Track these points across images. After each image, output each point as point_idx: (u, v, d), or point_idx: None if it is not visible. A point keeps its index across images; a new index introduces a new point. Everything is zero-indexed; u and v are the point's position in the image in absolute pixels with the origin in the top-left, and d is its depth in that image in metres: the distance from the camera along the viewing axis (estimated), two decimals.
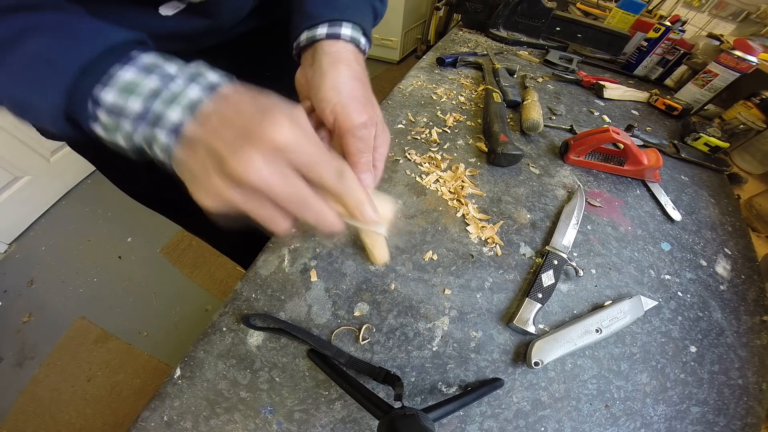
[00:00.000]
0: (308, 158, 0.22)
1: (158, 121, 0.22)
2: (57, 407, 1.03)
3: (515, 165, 0.56)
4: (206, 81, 0.23)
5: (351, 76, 0.31)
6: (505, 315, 0.39)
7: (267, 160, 0.21)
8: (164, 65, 0.22)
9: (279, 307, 0.37)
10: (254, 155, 0.20)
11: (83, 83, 0.21)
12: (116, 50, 0.22)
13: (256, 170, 0.20)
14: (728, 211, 0.58)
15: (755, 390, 0.38)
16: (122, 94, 0.21)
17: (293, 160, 0.22)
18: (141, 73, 0.22)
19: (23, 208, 1.43)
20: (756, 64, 0.70)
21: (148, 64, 0.22)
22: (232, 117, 0.21)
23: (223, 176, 0.21)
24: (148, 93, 0.21)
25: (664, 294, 0.44)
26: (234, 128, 0.21)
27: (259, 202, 0.23)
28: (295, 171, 0.23)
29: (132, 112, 0.21)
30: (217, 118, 0.21)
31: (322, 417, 0.32)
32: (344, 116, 0.29)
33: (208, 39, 0.41)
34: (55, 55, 0.21)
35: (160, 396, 0.32)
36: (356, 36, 0.33)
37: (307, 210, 0.23)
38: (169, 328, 1.22)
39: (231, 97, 0.22)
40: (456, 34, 0.99)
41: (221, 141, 0.21)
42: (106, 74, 0.21)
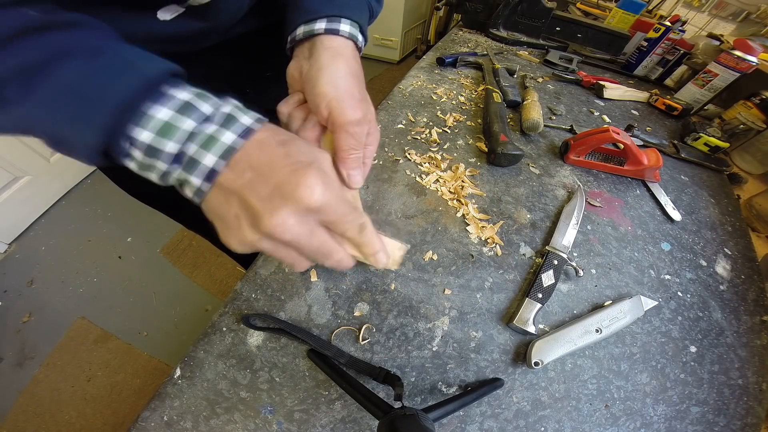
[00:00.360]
0: (336, 217, 0.24)
1: (193, 166, 0.22)
2: (57, 407, 1.03)
3: (515, 165, 0.56)
4: (241, 126, 0.23)
5: (348, 72, 0.31)
6: (505, 315, 0.39)
7: (299, 220, 0.22)
8: (199, 104, 0.22)
9: (279, 307, 0.37)
10: (288, 216, 0.21)
11: (120, 123, 0.21)
12: (151, 85, 0.21)
13: (288, 229, 0.21)
14: (728, 211, 0.58)
15: (755, 390, 0.38)
16: (159, 136, 0.21)
17: (322, 218, 0.24)
18: (177, 114, 0.21)
19: (23, 208, 1.42)
20: (756, 64, 0.70)
21: (184, 104, 0.22)
22: (266, 172, 0.22)
23: (256, 230, 0.22)
24: (184, 136, 0.21)
25: (664, 294, 0.44)
26: (269, 185, 0.21)
27: (286, 251, 0.24)
28: (322, 225, 0.25)
29: (168, 155, 0.21)
30: (252, 171, 0.22)
31: (322, 417, 0.32)
32: (339, 112, 0.29)
33: (207, 40, 0.41)
34: (90, 90, 0.20)
35: (160, 396, 0.32)
36: (354, 33, 0.33)
37: (328, 259, 0.26)
38: (169, 328, 1.22)
39: (265, 145, 0.22)
40: (456, 34, 0.99)
41: (256, 197, 0.21)
42: (142, 113, 0.21)
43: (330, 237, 0.25)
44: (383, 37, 2.59)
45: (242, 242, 0.23)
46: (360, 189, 0.48)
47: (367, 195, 0.48)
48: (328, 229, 0.26)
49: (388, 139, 0.58)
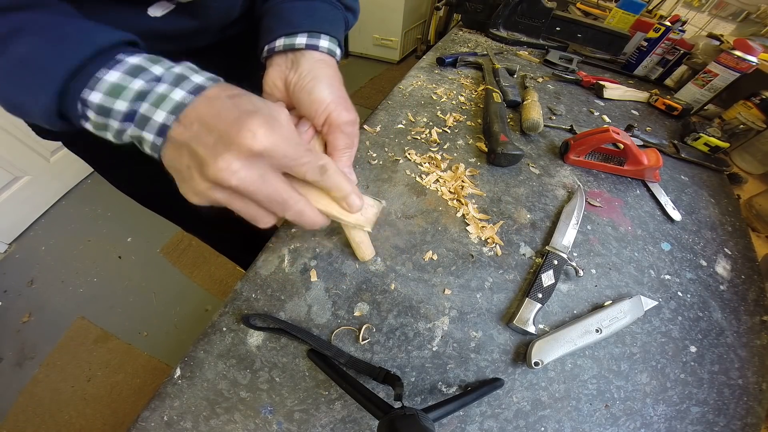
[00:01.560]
0: (287, 160, 0.24)
1: (145, 123, 0.23)
2: (57, 407, 1.03)
3: (515, 165, 0.56)
4: (191, 83, 0.23)
5: (339, 80, 0.34)
6: (505, 315, 0.39)
7: (244, 164, 0.22)
8: (151, 67, 0.23)
9: (279, 307, 0.37)
10: (232, 160, 0.22)
11: (72, 87, 0.22)
12: (103, 53, 0.22)
13: (233, 174, 0.22)
14: (728, 211, 0.58)
15: (755, 390, 0.38)
16: (109, 96, 0.22)
17: (273, 163, 0.24)
18: (127, 76, 0.22)
19: (23, 208, 1.43)
20: (756, 64, 0.70)
21: (135, 67, 0.23)
22: (213, 122, 0.22)
23: (205, 178, 0.23)
24: (134, 95, 0.22)
25: (664, 294, 0.44)
26: (214, 133, 0.22)
27: (242, 202, 0.25)
28: (276, 172, 0.25)
29: (119, 113, 0.23)
30: (199, 123, 0.22)
31: (322, 417, 0.32)
32: (337, 113, 0.32)
33: (200, 40, 0.41)
34: (43, 59, 0.22)
35: (160, 396, 0.32)
36: (333, 48, 0.35)
37: (286, 209, 0.26)
38: (169, 328, 1.22)
39: (214, 99, 0.23)
40: (456, 34, 0.99)
41: (202, 145, 0.22)
42: (93, 77, 0.22)
43: (286, 184, 0.25)
44: (383, 37, 2.59)
45: (195, 192, 0.24)
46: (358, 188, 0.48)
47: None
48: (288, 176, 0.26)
49: (388, 139, 0.58)
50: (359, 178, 0.50)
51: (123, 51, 0.23)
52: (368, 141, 0.56)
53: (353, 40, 2.74)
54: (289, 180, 0.26)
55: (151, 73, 0.23)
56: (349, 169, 0.34)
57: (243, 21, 0.44)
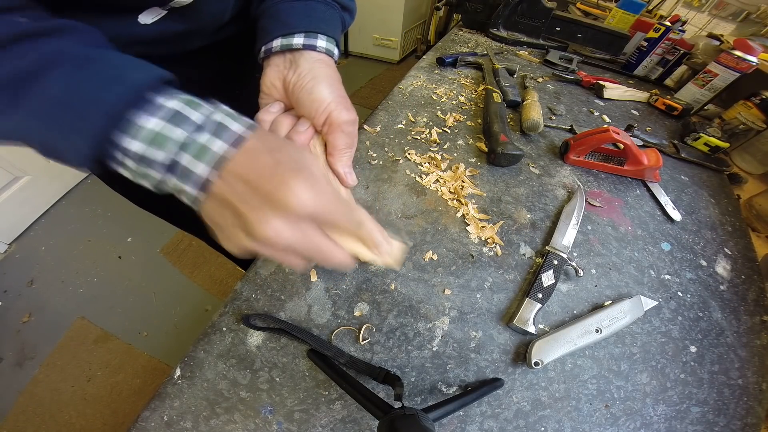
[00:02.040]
0: (329, 217, 0.24)
1: (187, 176, 0.22)
2: (57, 407, 1.03)
3: (515, 165, 0.56)
4: (231, 134, 0.23)
5: (338, 80, 0.34)
6: (505, 315, 0.39)
7: (290, 226, 0.22)
8: (189, 113, 0.22)
9: (279, 307, 0.37)
10: (278, 222, 0.22)
11: (109, 132, 0.21)
12: (140, 94, 0.22)
13: (279, 234, 0.22)
14: (728, 211, 0.58)
15: (755, 390, 0.38)
16: (149, 146, 0.21)
17: (315, 220, 0.24)
18: (168, 124, 0.22)
19: (23, 208, 1.43)
20: (756, 64, 0.70)
21: (174, 113, 0.22)
22: (256, 181, 0.22)
23: (251, 237, 0.22)
24: (175, 146, 0.22)
25: (664, 294, 0.44)
26: (260, 194, 0.22)
27: (284, 255, 0.25)
28: (316, 226, 0.25)
29: (161, 165, 0.22)
30: (243, 181, 0.22)
31: (322, 417, 0.32)
32: (337, 113, 0.32)
33: (193, 42, 0.41)
34: (79, 100, 0.21)
35: (160, 396, 0.32)
36: (330, 48, 0.35)
37: (325, 260, 0.26)
38: (169, 328, 1.22)
39: (255, 154, 0.23)
40: (456, 34, 0.99)
41: (247, 205, 0.22)
42: (131, 123, 0.21)
43: (326, 238, 0.26)
44: (383, 37, 2.59)
45: (239, 248, 0.24)
46: (358, 188, 0.48)
47: (367, 195, 0.48)
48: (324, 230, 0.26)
49: (388, 139, 0.58)
50: (359, 178, 0.50)
51: (155, 89, 0.22)
52: (368, 141, 0.56)
53: (353, 40, 2.74)
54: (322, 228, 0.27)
55: (191, 120, 0.22)
56: (348, 168, 0.34)
57: (235, 23, 0.44)
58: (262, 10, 0.38)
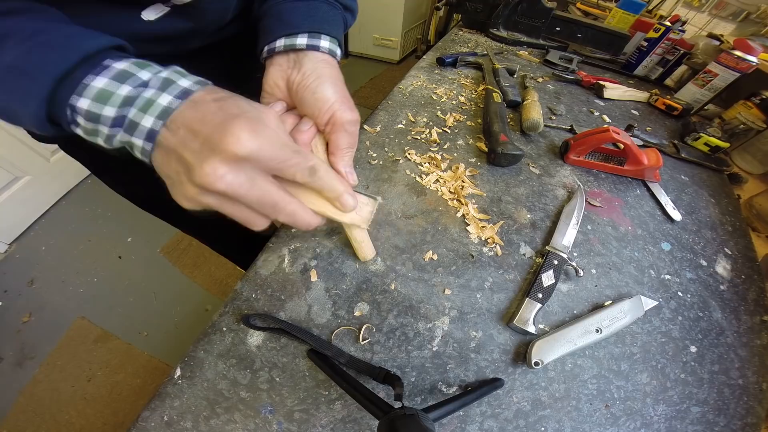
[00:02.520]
0: (274, 162, 0.24)
1: (134, 128, 0.23)
2: (57, 407, 1.03)
3: (515, 165, 0.56)
4: (178, 88, 0.24)
5: (341, 80, 0.34)
6: (505, 315, 0.39)
7: (231, 169, 0.22)
8: (138, 72, 0.23)
9: (279, 307, 0.37)
10: (218, 165, 0.22)
11: (60, 93, 0.22)
12: (90, 58, 0.23)
13: (219, 178, 0.22)
14: (728, 211, 0.58)
15: (755, 390, 0.38)
16: (96, 102, 0.22)
17: (260, 166, 0.24)
18: (114, 82, 0.23)
19: (23, 208, 1.43)
20: (756, 64, 0.70)
21: (122, 72, 0.23)
22: (198, 126, 0.22)
23: (194, 184, 0.23)
24: (122, 101, 0.23)
25: (664, 294, 0.44)
26: (200, 138, 0.22)
27: (233, 205, 0.25)
28: (265, 175, 0.25)
29: (107, 119, 0.23)
30: (186, 128, 0.23)
31: (322, 417, 0.32)
32: (341, 112, 0.32)
33: (195, 41, 0.41)
34: (30, 66, 0.22)
35: (160, 396, 0.32)
36: (333, 48, 0.36)
37: (278, 211, 0.26)
38: (169, 328, 1.22)
39: (200, 103, 0.23)
40: (456, 34, 0.99)
41: (189, 151, 0.22)
42: (81, 84, 0.22)
43: (276, 186, 0.25)
44: (383, 37, 2.59)
45: (186, 197, 0.24)
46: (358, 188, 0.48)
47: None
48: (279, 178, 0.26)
49: (388, 139, 0.58)
50: (359, 177, 0.50)
51: (110, 56, 0.24)
52: (368, 141, 0.56)
53: (353, 40, 2.74)
54: (280, 182, 0.26)
55: (139, 78, 0.23)
56: (350, 168, 0.34)
57: (238, 21, 0.44)
58: (264, 10, 0.38)
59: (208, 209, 0.25)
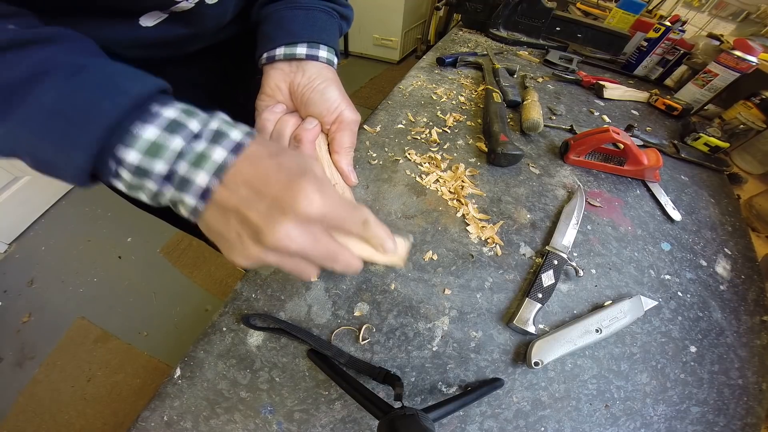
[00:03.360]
0: (338, 221, 0.24)
1: (186, 185, 0.21)
2: (57, 407, 1.03)
3: (515, 165, 0.56)
4: (231, 141, 0.22)
5: (341, 85, 0.37)
6: (505, 315, 0.39)
7: (301, 230, 0.22)
8: (187, 122, 0.22)
9: (279, 307, 0.37)
10: (290, 227, 0.21)
11: (106, 144, 0.20)
12: (137, 104, 0.21)
13: (293, 240, 0.22)
14: (728, 211, 0.58)
15: (755, 390, 0.38)
16: (146, 156, 0.21)
17: (324, 224, 0.24)
18: (165, 133, 0.21)
19: (23, 208, 1.42)
20: (756, 64, 0.70)
21: (171, 122, 0.21)
22: (261, 185, 0.21)
23: (260, 245, 0.22)
24: (173, 155, 0.21)
25: (664, 294, 0.44)
26: (267, 199, 0.21)
27: (293, 261, 0.24)
28: (325, 230, 0.24)
29: (158, 175, 0.21)
30: (247, 186, 0.21)
31: (322, 417, 0.32)
32: (347, 112, 0.35)
33: (193, 45, 0.41)
34: (75, 113, 0.20)
35: (160, 396, 0.32)
36: (331, 57, 0.37)
37: (336, 263, 0.26)
38: (169, 328, 1.22)
39: (257, 160, 0.22)
40: (456, 34, 0.99)
41: (255, 212, 0.21)
42: (129, 134, 0.20)
43: (335, 241, 0.25)
44: (383, 37, 2.59)
45: (247, 258, 0.23)
46: (358, 188, 0.48)
47: (367, 195, 0.48)
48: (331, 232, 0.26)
49: (388, 139, 0.58)
50: (359, 177, 0.50)
51: (156, 101, 0.22)
52: (368, 141, 0.56)
53: (353, 40, 2.74)
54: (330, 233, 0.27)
55: (189, 129, 0.22)
56: (351, 167, 0.36)
57: (235, 24, 0.44)
58: (263, 16, 0.38)
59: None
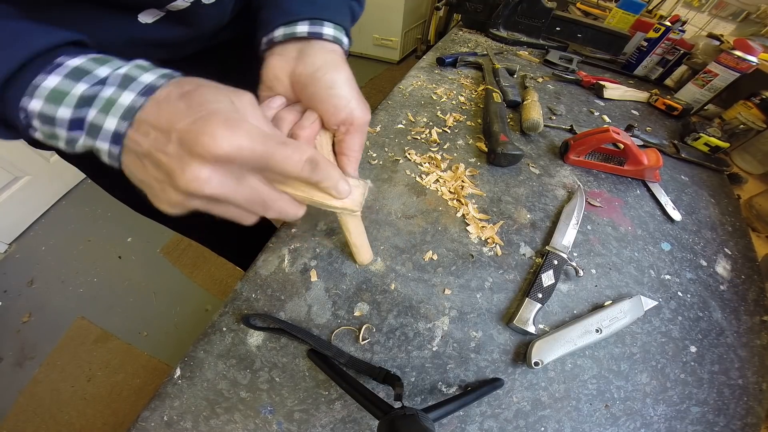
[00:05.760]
0: (261, 160, 0.22)
1: (96, 132, 0.21)
2: (57, 407, 1.03)
3: (515, 165, 0.56)
4: (140, 84, 0.21)
5: (352, 75, 0.32)
6: (505, 315, 0.39)
7: (214, 171, 0.21)
8: (95, 69, 0.21)
9: (279, 307, 0.37)
10: (200, 169, 0.20)
11: (8, 95, 0.20)
12: (41, 56, 0.21)
13: (205, 182, 0.20)
14: (728, 211, 0.58)
15: (755, 390, 0.38)
16: (49, 103, 0.20)
17: (246, 163, 0.22)
18: (68, 80, 0.21)
19: (23, 208, 1.42)
20: (756, 64, 0.70)
21: (76, 69, 0.21)
22: (168, 127, 0.20)
23: (177, 190, 0.21)
24: (78, 101, 0.21)
25: (664, 294, 0.44)
26: (174, 141, 0.20)
27: (220, 206, 0.23)
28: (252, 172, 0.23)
29: (63, 121, 0.21)
30: (155, 130, 0.21)
31: (322, 417, 0.32)
32: (359, 112, 0.30)
33: (192, 46, 0.41)
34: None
35: (160, 396, 0.32)
36: (339, 36, 0.33)
37: (267, 210, 0.24)
38: (169, 328, 1.22)
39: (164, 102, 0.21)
40: (456, 34, 0.99)
41: (165, 155, 0.20)
42: (31, 85, 0.20)
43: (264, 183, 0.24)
44: (383, 37, 2.58)
45: (170, 204, 0.22)
46: None
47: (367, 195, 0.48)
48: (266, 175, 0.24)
49: (388, 139, 0.58)
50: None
51: (66, 53, 0.21)
52: (368, 141, 0.56)
53: (353, 39, 2.74)
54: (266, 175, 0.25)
55: (96, 76, 0.21)
56: (356, 172, 0.32)
57: (235, 25, 0.44)
58: (262, 2, 0.35)
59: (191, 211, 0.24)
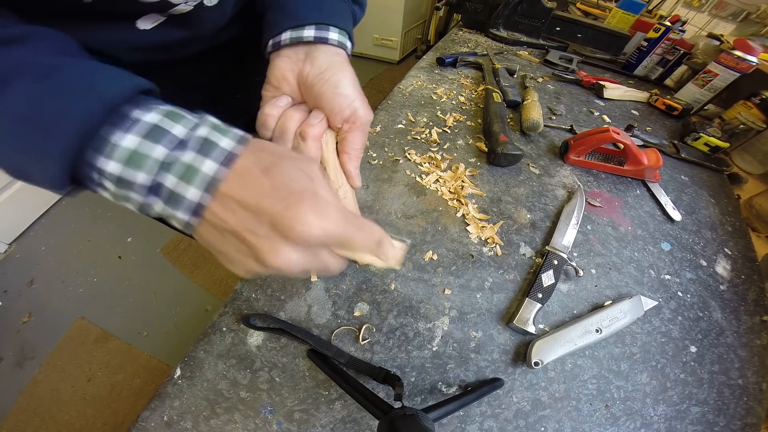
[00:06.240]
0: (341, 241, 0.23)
1: (177, 201, 0.20)
2: (57, 407, 1.03)
3: (515, 165, 0.56)
4: (221, 151, 0.21)
5: (356, 77, 0.33)
6: (505, 315, 0.39)
7: (302, 253, 0.21)
8: (171, 128, 0.20)
9: (279, 307, 0.37)
10: (291, 252, 0.21)
11: (82, 152, 0.19)
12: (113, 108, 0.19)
13: (294, 264, 0.21)
14: (728, 211, 0.58)
15: (755, 390, 0.38)
16: (128, 167, 0.19)
17: (327, 245, 0.23)
18: (147, 142, 0.19)
19: (23, 208, 1.42)
20: (756, 64, 0.70)
21: (156, 128, 0.20)
22: (256, 209, 0.20)
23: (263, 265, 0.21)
24: (155, 165, 0.19)
25: (664, 294, 0.44)
26: (264, 223, 0.20)
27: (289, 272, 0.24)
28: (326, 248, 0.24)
29: (142, 187, 0.20)
30: (242, 208, 0.20)
31: (322, 417, 0.32)
32: (362, 111, 0.31)
33: (192, 47, 0.41)
34: (43, 120, 0.18)
35: (160, 396, 0.32)
36: (343, 40, 0.34)
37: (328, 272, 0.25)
38: (169, 328, 1.22)
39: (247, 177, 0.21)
40: (456, 34, 0.99)
41: (254, 235, 0.20)
42: (105, 141, 0.19)
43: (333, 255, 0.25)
44: (383, 37, 2.58)
45: (247, 272, 0.23)
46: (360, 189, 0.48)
47: (367, 195, 0.48)
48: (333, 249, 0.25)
49: (388, 139, 0.58)
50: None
51: (136, 103, 0.20)
52: (368, 141, 0.56)
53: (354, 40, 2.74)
54: None
55: (174, 137, 0.20)
56: (357, 170, 0.33)
57: (234, 25, 0.44)
58: (267, 4, 0.36)
59: None
